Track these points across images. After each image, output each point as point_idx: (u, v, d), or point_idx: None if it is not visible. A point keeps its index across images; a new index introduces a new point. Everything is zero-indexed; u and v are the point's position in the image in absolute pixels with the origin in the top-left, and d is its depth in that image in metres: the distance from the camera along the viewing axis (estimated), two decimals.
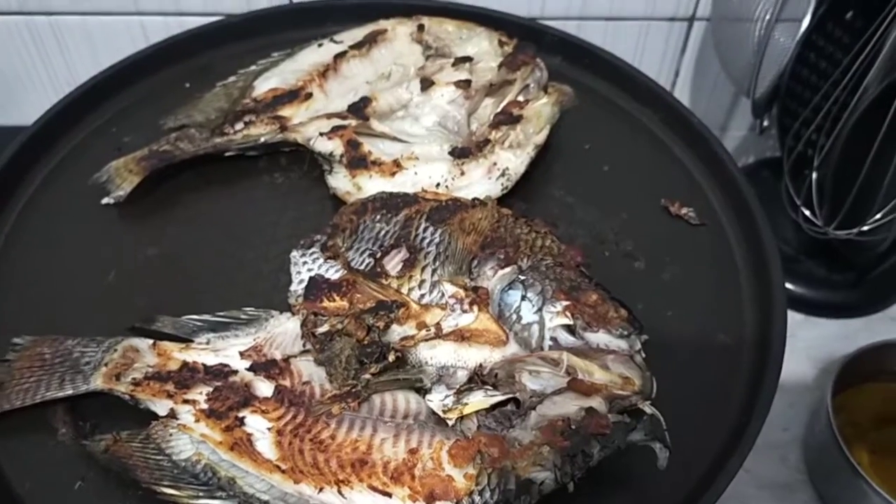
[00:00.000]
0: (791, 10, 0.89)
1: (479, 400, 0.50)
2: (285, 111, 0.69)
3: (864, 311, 0.96)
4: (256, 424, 0.51)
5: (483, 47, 0.73)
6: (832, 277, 0.96)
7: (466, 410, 0.50)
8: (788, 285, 0.91)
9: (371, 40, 0.74)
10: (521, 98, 0.69)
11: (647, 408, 0.50)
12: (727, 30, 0.92)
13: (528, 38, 0.73)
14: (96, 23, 0.99)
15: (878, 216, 0.81)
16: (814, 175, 0.88)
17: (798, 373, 0.91)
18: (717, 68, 1.00)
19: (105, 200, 0.65)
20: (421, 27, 0.75)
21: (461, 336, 0.53)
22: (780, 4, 0.84)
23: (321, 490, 0.48)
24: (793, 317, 0.91)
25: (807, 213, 0.87)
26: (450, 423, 0.50)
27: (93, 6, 0.97)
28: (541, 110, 0.67)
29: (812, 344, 0.92)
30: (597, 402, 0.50)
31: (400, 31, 0.75)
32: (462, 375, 0.52)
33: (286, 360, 0.54)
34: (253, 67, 0.75)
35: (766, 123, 0.96)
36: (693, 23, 1.00)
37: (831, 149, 0.83)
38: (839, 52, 0.89)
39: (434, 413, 0.51)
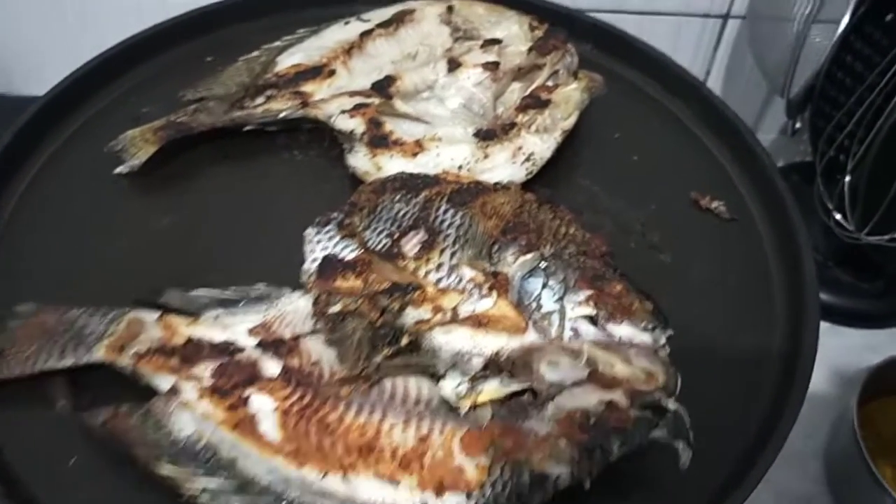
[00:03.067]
0: (829, 11, 0.86)
1: (494, 388, 0.48)
2: (307, 87, 0.68)
3: (890, 322, 0.93)
4: (262, 404, 0.49)
5: (513, 31, 0.71)
6: (860, 286, 0.94)
7: (481, 399, 0.48)
8: None
9: (399, 20, 0.72)
10: (549, 83, 0.67)
11: (671, 404, 0.47)
12: (763, 27, 0.90)
13: (559, 23, 0.71)
14: None
15: None
16: (846, 179, 0.85)
17: (821, 382, 0.88)
18: (750, 68, 0.98)
19: (119, 169, 0.63)
20: (450, 9, 0.73)
21: (478, 322, 0.51)
22: (819, 3, 0.82)
23: (325, 475, 0.46)
24: None
25: (839, 217, 0.85)
26: (463, 411, 0.48)
27: None
28: (570, 95, 0.65)
29: (836, 353, 0.90)
30: (618, 396, 0.47)
31: (429, 11, 0.73)
32: (477, 362, 0.50)
33: (296, 339, 0.52)
34: (277, 43, 0.73)
35: (798, 125, 0.93)
36: (727, 20, 0.98)
37: (865, 153, 0.81)
38: (876, 55, 0.86)
39: (446, 401, 0.49)
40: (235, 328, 0.53)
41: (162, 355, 0.51)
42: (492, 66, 0.67)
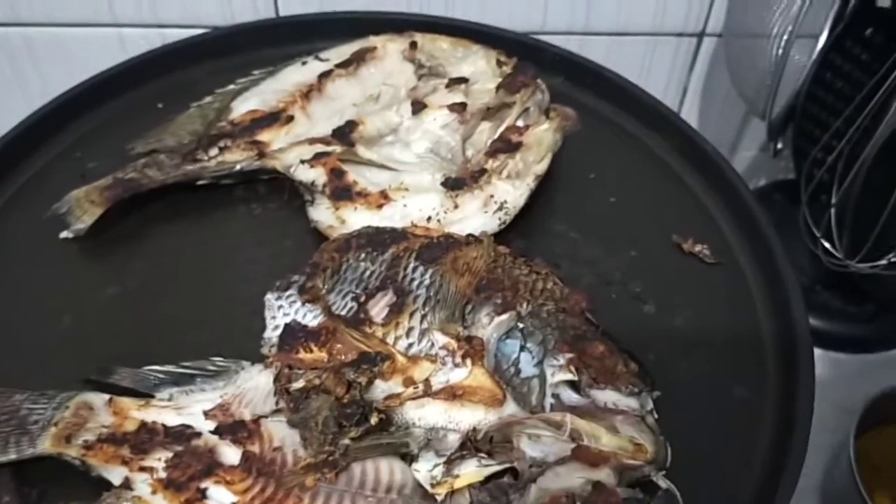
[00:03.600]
0: (807, 26, 0.84)
1: (471, 471, 0.45)
2: (264, 136, 0.64)
3: (883, 346, 0.91)
4: (220, 497, 0.45)
5: (480, 67, 0.68)
6: (849, 310, 0.92)
7: (458, 484, 0.44)
8: None
9: (359, 58, 0.69)
10: (520, 123, 0.63)
11: (662, 481, 0.45)
12: (741, 46, 0.87)
13: (527, 56, 0.68)
14: (71, 35, 0.94)
15: None
16: (832, 210, 0.82)
17: (815, 413, 0.85)
18: (727, 86, 0.95)
19: (63, 234, 0.59)
20: (413, 44, 0.69)
21: (453, 394, 0.48)
22: (800, 20, 0.79)
23: None
24: None
25: (826, 245, 0.82)
26: (439, 498, 0.44)
27: (67, 17, 0.92)
28: (542, 137, 0.62)
29: (829, 381, 0.87)
30: (605, 474, 0.44)
31: (391, 48, 0.70)
32: (453, 439, 0.47)
33: (256, 420, 0.48)
34: (231, 87, 0.69)
35: (780, 146, 0.91)
36: (703, 38, 0.95)
37: (853, 179, 0.78)
38: (858, 71, 0.84)
39: (421, 486, 0.45)
40: (191, 409, 0.49)
41: (112, 444, 0.47)
42: (459, 108, 0.63)
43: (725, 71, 0.93)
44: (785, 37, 0.79)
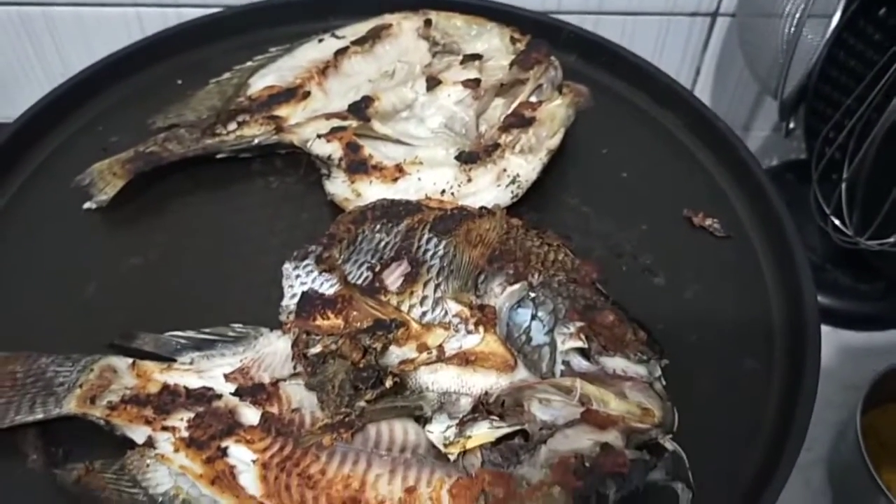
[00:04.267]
0: (820, 6, 0.84)
1: (483, 432, 0.46)
2: (281, 111, 0.65)
3: (892, 324, 0.91)
4: (240, 455, 0.46)
5: (494, 44, 0.68)
6: (859, 287, 0.92)
7: (470, 444, 0.46)
8: None
9: (375, 36, 0.70)
10: (533, 99, 0.64)
11: (669, 443, 0.46)
12: (754, 26, 0.87)
13: (541, 34, 0.68)
14: (91, 14, 0.95)
15: None
16: (843, 185, 0.83)
17: (821, 388, 0.85)
18: (740, 66, 0.95)
19: (87, 205, 0.61)
20: (428, 22, 0.70)
21: (465, 360, 0.49)
22: (812, 1, 0.79)
23: None
24: None
25: (836, 222, 0.82)
26: (451, 458, 0.46)
27: None
28: (555, 112, 0.63)
29: (838, 359, 0.88)
30: (613, 437, 0.45)
31: (406, 26, 0.71)
32: (466, 403, 0.48)
33: (275, 383, 0.50)
34: (249, 63, 0.70)
35: (792, 125, 0.91)
36: (716, 18, 0.95)
37: (863, 156, 0.78)
38: (871, 51, 0.84)
39: (434, 446, 0.46)
40: (212, 373, 0.51)
41: (136, 405, 0.49)
42: (473, 84, 0.64)
43: (738, 51, 0.93)
44: (797, 15, 0.79)
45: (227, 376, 0.50)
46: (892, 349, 0.86)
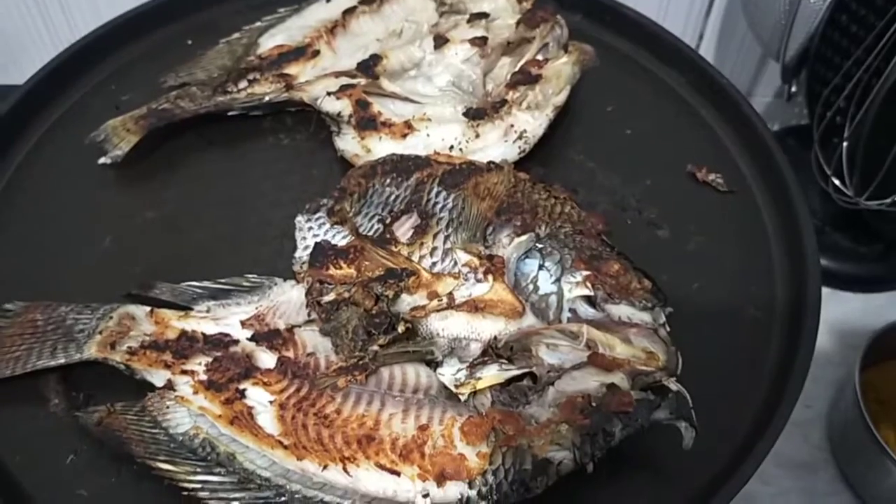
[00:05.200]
0: None
1: (493, 374, 0.48)
2: (291, 69, 0.66)
3: (891, 285, 0.92)
4: (258, 397, 0.48)
5: (500, 3, 0.69)
6: (859, 250, 0.93)
7: (480, 385, 0.47)
8: None
9: None
10: (539, 57, 0.65)
11: (673, 384, 0.47)
12: None
13: None
14: None
15: None
16: (844, 144, 0.84)
17: (821, 348, 0.86)
18: (743, 31, 0.96)
19: (102, 160, 0.62)
20: None
21: (475, 307, 0.50)
22: None
23: (325, 467, 0.45)
24: None
25: (837, 182, 0.83)
26: (462, 398, 0.47)
27: None
28: (560, 70, 0.64)
29: (836, 318, 0.89)
30: (618, 378, 0.47)
31: None
32: (475, 348, 0.50)
33: (290, 329, 0.51)
34: (258, 24, 0.71)
35: (794, 89, 0.92)
36: None
37: (863, 117, 0.79)
38: (872, 15, 0.85)
39: (446, 388, 0.48)
40: (228, 320, 0.52)
41: (155, 350, 0.51)
42: (480, 42, 0.65)
43: (740, 17, 0.94)
44: None
45: (243, 323, 0.52)
46: (889, 309, 0.88)
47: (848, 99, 0.81)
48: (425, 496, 0.44)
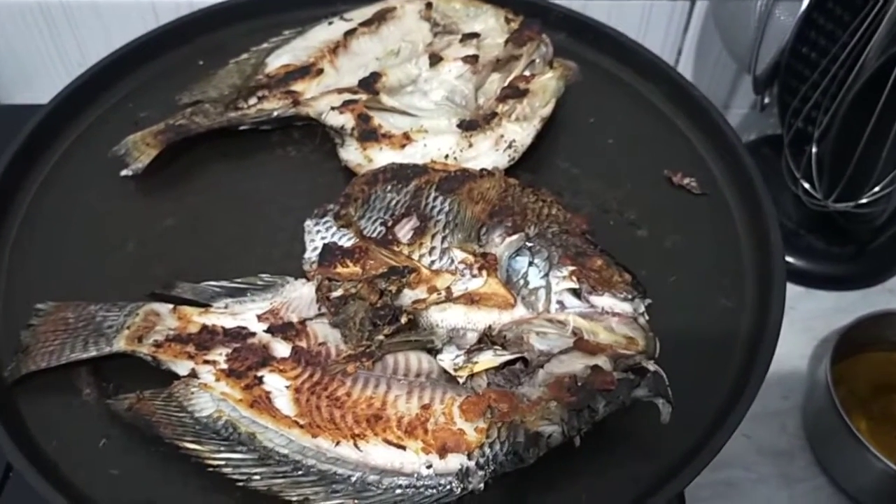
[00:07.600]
0: None
1: (488, 359, 0.52)
2: (297, 86, 0.71)
3: (862, 284, 0.97)
4: (275, 383, 0.53)
5: (490, 24, 0.75)
6: (831, 250, 0.98)
7: (476, 369, 0.52)
8: (789, 258, 0.93)
9: (380, 18, 0.76)
10: (527, 73, 0.71)
11: (651, 365, 0.52)
12: (728, 7, 0.94)
13: (534, 15, 0.75)
14: (108, 4, 1.00)
15: (876, 189, 0.83)
16: (813, 150, 0.89)
17: (797, 344, 0.92)
18: (720, 47, 1.01)
19: (124, 172, 0.67)
20: (429, 5, 0.76)
21: (471, 300, 0.55)
22: None
23: (338, 444, 0.50)
24: (792, 289, 0.93)
25: (806, 185, 0.89)
26: (461, 380, 0.52)
27: None
28: (546, 84, 0.69)
29: (811, 316, 0.94)
30: (602, 361, 0.52)
31: (408, 8, 0.77)
32: (472, 337, 0.54)
33: (302, 322, 0.56)
34: (265, 45, 0.76)
35: (766, 100, 0.97)
36: (695, 2, 1.01)
37: (830, 123, 0.85)
38: (839, 30, 0.90)
39: (445, 372, 0.53)
40: (245, 315, 0.57)
41: (178, 343, 0.55)
42: (471, 59, 0.70)
43: (717, 34, 0.99)
44: None
45: (259, 317, 0.56)
46: (860, 306, 0.93)
47: (816, 108, 0.86)
48: (429, 467, 0.49)
